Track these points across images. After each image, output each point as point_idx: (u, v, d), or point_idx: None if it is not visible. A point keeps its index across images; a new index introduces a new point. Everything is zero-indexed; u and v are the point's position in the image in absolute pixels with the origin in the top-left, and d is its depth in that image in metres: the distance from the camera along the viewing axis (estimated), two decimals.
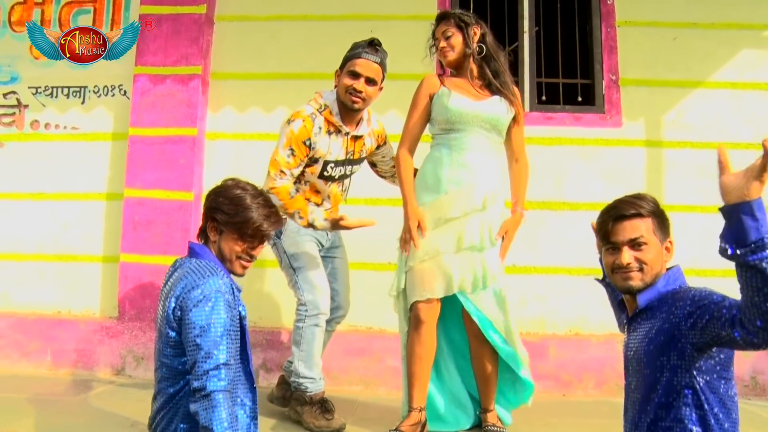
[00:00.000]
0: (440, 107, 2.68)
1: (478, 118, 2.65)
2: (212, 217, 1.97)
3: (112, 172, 4.12)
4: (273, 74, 4.15)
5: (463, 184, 2.63)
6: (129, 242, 3.94)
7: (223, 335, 1.80)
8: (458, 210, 2.61)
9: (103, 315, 4.03)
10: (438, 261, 2.60)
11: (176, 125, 4.00)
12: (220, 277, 1.86)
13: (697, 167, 3.99)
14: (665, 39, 4.08)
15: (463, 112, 2.65)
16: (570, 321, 3.95)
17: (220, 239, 1.95)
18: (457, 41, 2.71)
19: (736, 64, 4.06)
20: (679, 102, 4.05)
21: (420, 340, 2.61)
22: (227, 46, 4.18)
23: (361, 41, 2.78)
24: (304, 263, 2.76)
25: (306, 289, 2.74)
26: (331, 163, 2.78)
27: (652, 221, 1.77)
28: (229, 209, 1.94)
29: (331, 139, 2.77)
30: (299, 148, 2.68)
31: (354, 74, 2.71)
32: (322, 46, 4.10)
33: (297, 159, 2.69)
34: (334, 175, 2.83)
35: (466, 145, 2.66)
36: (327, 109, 2.77)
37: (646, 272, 1.76)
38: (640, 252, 1.75)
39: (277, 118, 4.07)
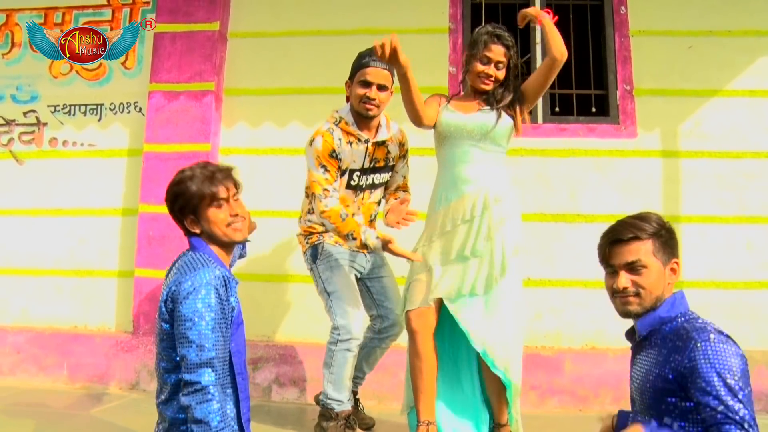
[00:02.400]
0: (438, 122, 2.68)
1: (464, 129, 2.61)
2: (177, 217, 1.99)
3: (128, 188, 4.17)
4: (286, 89, 4.17)
5: (452, 199, 2.62)
6: (144, 257, 3.97)
7: (214, 328, 1.80)
8: (449, 224, 2.60)
9: (119, 330, 4.06)
10: (428, 273, 2.61)
11: (190, 141, 4.04)
12: (212, 268, 1.86)
13: (715, 177, 3.92)
14: (680, 48, 4.02)
15: (451, 125, 2.63)
16: (586, 335, 3.88)
17: (202, 225, 1.96)
18: (503, 77, 2.66)
19: (754, 71, 3.99)
20: (696, 111, 3.98)
21: (416, 352, 2.57)
22: (240, 62, 4.21)
23: (366, 50, 2.79)
24: (337, 288, 2.78)
25: (339, 314, 2.76)
26: (356, 171, 2.80)
27: (654, 243, 1.72)
28: (177, 194, 1.95)
29: (352, 148, 2.79)
30: (329, 162, 2.71)
31: (365, 83, 2.74)
32: (335, 60, 4.08)
33: (332, 174, 2.71)
34: (361, 184, 2.84)
35: (455, 159, 2.64)
36: (342, 121, 2.80)
37: (645, 297, 1.71)
38: (639, 276, 1.71)
39: (291, 133, 4.12)
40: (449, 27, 4.14)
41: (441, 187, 2.69)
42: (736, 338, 1.66)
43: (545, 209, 3.93)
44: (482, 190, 2.58)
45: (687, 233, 3.88)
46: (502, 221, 2.57)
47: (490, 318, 2.53)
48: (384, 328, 2.91)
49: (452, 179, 2.64)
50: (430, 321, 2.58)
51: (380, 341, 2.92)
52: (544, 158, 3.99)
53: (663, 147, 3.97)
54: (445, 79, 4.09)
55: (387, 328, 2.91)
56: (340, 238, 2.72)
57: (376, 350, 2.95)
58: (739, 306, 3.82)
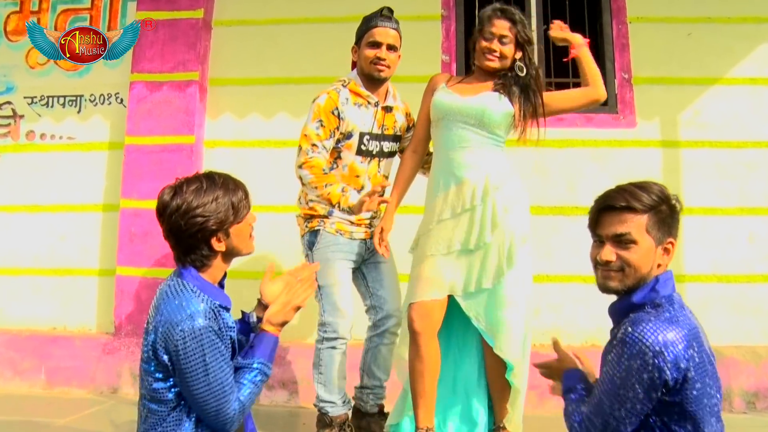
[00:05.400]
0: (432, 103, 2.55)
1: (460, 112, 2.46)
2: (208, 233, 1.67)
3: (109, 183, 4.00)
4: (273, 79, 4.02)
5: (450, 186, 2.46)
6: (125, 255, 3.80)
7: (227, 376, 1.63)
8: (448, 211, 2.44)
9: (99, 331, 3.89)
10: (427, 264, 2.44)
11: (173, 133, 3.88)
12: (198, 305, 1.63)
13: (716, 167, 3.82)
14: (679, 35, 3.92)
15: (447, 106, 2.48)
16: (587, 331, 3.76)
17: (232, 239, 1.72)
18: (510, 51, 2.47)
19: (755, 59, 3.89)
20: (696, 100, 3.88)
21: (419, 355, 2.41)
22: (225, 52, 4.06)
23: (371, 13, 2.68)
24: (329, 282, 2.61)
25: (327, 311, 2.61)
26: (366, 135, 2.65)
27: (649, 217, 1.57)
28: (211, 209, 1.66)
29: (360, 110, 2.65)
30: (328, 118, 2.57)
31: (374, 44, 2.64)
32: (324, 49, 3.98)
33: (327, 130, 2.56)
34: (371, 149, 2.68)
35: (451, 143, 2.47)
36: (351, 82, 2.69)
37: (628, 274, 1.58)
38: (625, 251, 1.57)
39: (278, 124, 3.98)
40: (442, 14, 4.01)
41: (438, 172, 2.53)
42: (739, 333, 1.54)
43: (543, 202, 3.80)
44: (482, 177, 2.42)
45: (688, 225, 3.76)
46: (506, 210, 2.42)
47: (500, 312, 2.38)
48: (379, 321, 2.71)
49: (448, 164, 2.48)
50: (435, 318, 2.42)
51: (380, 337, 2.72)
52: (540, 149, 3.80)
53: (662, 137, 3.86)
54: (437, 68, 3.95)
55: (381, 320, 2.71)
56: (315, 192, 2.54)
57: (381, 348, 2.73)
58: (742, 300, 3.71)
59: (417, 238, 2.56)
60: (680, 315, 1.53)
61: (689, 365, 1.46)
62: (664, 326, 1.48)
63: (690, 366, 1.46)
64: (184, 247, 1.70)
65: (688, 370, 1.46)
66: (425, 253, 2.45)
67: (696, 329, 1.53)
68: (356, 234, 2.68)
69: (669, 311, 1.54)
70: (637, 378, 1.46)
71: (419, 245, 2.52)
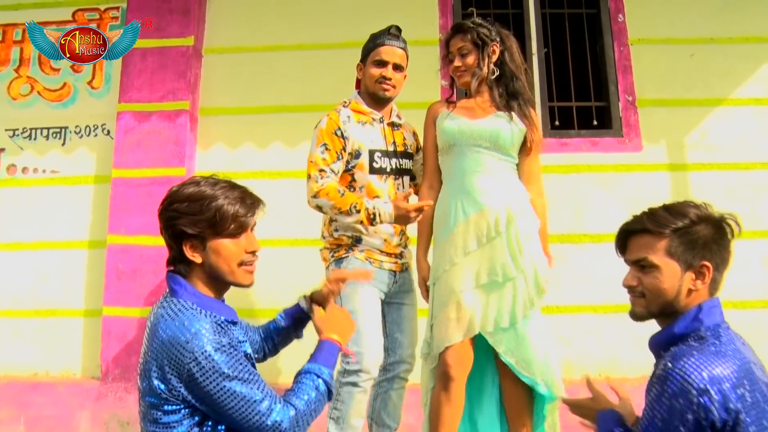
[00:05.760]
0: (438, 131, 2.45)
1: (473, 136, 2.35)
2: (178, 232, 1.53)
3: (95, 218, 3.80)
4: (267, 108, 3.89)
5: (470, 214, 2.32)
6: (112, 294, 3.59)
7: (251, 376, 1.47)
8: (472, 242, 2.28)
9: (85, 376, 3.65)
10: (457, 301, 2.27)
11: (163, 165, 3.71)
12: (202, 322, 1.47)
13: (725, 190, 3.71)
14: (682, 56, 3.85)
15: (456, 131, 2.38)
16: (600, 363, 3.59)
17: (208, 255, 1.54)
18: (471, 60, 2.42)
19: (759, 79, 3.83)
20: (702, 122, 3.79)
21: (449, 399, 2.26)
22: (217, 80, 3.93)
23: (379, 31, 2.57)
24: (356, 307, 2.36)
25: (352, 339, 2.35)
26: (377, 152, 2.50)
27: (672, 240, 1.47)
28: (192, 209, 1.52)
29: (366, 128, 2.51)
30: (332, 140, 2.42)
31: (380, 63, 2.52)
32: (320, 76, 3.86)
33: (333, 153, 2.41)
34: (384, 167, 2.50)
35: (465, 168, 2.36)
36: (352, 102, 2.57)
37: (650, 300, 1.50)
38: (645, 275, 1.49)
39: (273, 155, 3.83)
40: (440, 38, 3.90)
41: (453, 200, 2.37)
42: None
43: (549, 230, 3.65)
44: (503, 203, 2.29)
45: None
46: (529, 237, 2.29)
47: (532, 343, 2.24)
48: (390, 365, 2.51)
49: (465, 191, 2.34)
50: (467, 362, 2.28)
51: (390, 382, 2.52)
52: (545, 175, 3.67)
53: (669, 160, 3.76)
54: (437, 94, 3.84)
55: (393, 365, 2.51)
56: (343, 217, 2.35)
57: (390, 394, 2.52)
58: (758, 327, 3.57)
59: (437, 273, 2.38)
60: (729, 348, 1.40)
61: (740, 406, 1.31)
62: (710, 361, 1.35)
63: (741, 408, 1.31)
64: (167, 245, 1.58)
65: (739, 412, 1.31)
66: (453, 289, 2.28)
67: (748, 364, 1.39)
68: (385, 264, 2.49)
69: (714, 344, 1.41)
70: (681, 419, 1.32)
71: (443, 281, 2.33)
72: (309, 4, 3.99)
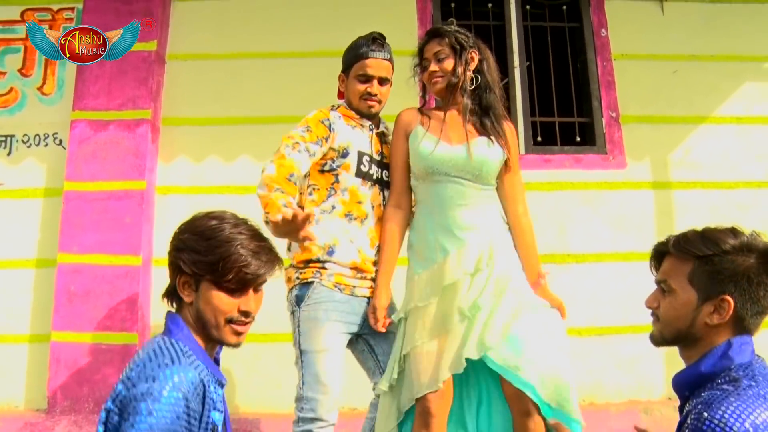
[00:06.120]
0: (413, 153, 2.21)
1: (455, 166, 2.14)
2: (179, 265, 1.38)
3: (44, 235, 3.49)
4: (234, 119, 3.66)
5: (450, 250, 2.11)
6: (62, 317, 3.29)
7: None
8: (450, 277, 2.08)
9: (28, 407, 3.31)
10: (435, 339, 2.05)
11: (121, 178, 3.44)
12: (185, 367, 1.26)
13: (709, 209, 3.63)
14: (665, 72, 3.77)
15: (437, 160, 2.14)
16: (583, 388, 3.42)
17: (198, 299, 1.38)
18: (449, 65, 2.21)
19: (741, 97, 3.79)
20: (685, 139, 3.72)
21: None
22: (181, 88, 3.68)
23: (362, 38, 2.34)
24: (314, 347, 2.13)
25: (307, 383, 2.13)
26: (365, 155, 2.27)
27: (696, 266, 1.34)
28: (199, 246, 1.36)
29: (355, 131, 2.29)
30: (317, 126, 2.19)
31: (365, 78, 2.29)
32: (291, 86, 3.66)
33: (313, 135, 2.16)
34: (371, 173, 2.28)
35: (445, 200, 2.15)
36: (341, 107, 2.35)
37: (663, 324, 1.40)
38: (663, 298, 1.40)
39: (239, 169, 3.60)
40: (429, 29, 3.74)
41: (432, 234, 2.16)
42: None
43: None
44: (486, 239, 2.11)
45: None
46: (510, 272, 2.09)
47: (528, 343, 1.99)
48: None
49: (445, 225, 2.14)
50: (448, 398, 2.05)
51: None
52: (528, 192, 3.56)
53: (654, 178, 3.67)
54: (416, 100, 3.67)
55: None
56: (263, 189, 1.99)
57: None
58: None
59: (410, 306, 2.14)
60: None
61: None
62: (750, 406, 1.18)
63: None
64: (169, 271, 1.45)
65: None
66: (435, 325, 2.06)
67: None
68: (358, 290, 2.23)
69: (751, 386, 1.24)
70: None
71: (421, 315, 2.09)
72: (281, 11, 3.79)
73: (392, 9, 3.79)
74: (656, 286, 1.43)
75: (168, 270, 1.44)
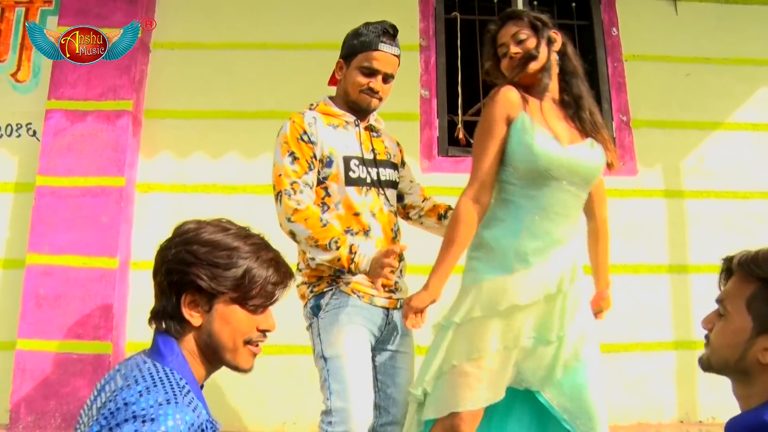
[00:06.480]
0: (521, 146, 1.85)
1: (570, 171, 1.85)
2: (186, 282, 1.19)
3: (13, 233, 3.23)
4: (222, 112, 3.42)
5: (535, 263, 1.84)
6: (30, 324, 3.02)
7: None
8: (525, 296, 1.82)
9: None
10: (497, 359, 1.83)
11: (98, 173, 3.19)
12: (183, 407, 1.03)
13: (723, 220, 3.46)
14: (677, 75, 3.60)
15: (554, 159, 1.83)
16: None
17: (211, 320, 1.19)
18: (533, 44, 1.92)
19: (756, 103, 3.61)
20: (698, 146, 3.54)
21: None
22: (166, 78, 3.44)
23: (372, 26, 2.08)
24: (340, 352, 1.90)
25: (336, 392, 1.87)
26: (353, 159, 2.03)
27: (757, 291, 1.15)
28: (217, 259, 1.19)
29: (337, 131, 2.05)
30: (299, 147, 1.97)
31: (370, 71, 2.04)
32: (284, 79, 3.44)
33: (303, 162, 1.96)
34: (363, 177, 2.04)
35: (547, 209, 1.86)
36: (320, 104, 2.11)
37: (711, 350, 1.22)
38: (718, 320, 1.22)
39: (228, 166, 3.37)
40: (420, 44, 3.54)
41: (514, 239, 1.86)
42: None
43: None
44: (569, 257, 1.88)
45: (696, 286, 3.38)
46: (581, 297, 1.89)
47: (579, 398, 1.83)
48: (381, 426, 2.02)
49: (536, 234, 1.86)
50: (479, 418, 1.85)
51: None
52: None
53: (666, 186, 3.48)
54: (416, 105, 3.47)
55: (385, 426, 2.02)
56: (318, 253, 1.87)
57: None
58: None
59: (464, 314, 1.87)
60: None
61: None
62: None
63: None
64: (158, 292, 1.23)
65: None
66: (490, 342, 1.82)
67: None
68: (376, 300, 1.99)
69: None
70: None
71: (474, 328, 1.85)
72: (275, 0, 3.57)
73: (393, 0, 3.59)
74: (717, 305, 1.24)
75: (161, 288, 1.22)
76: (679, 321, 3.35)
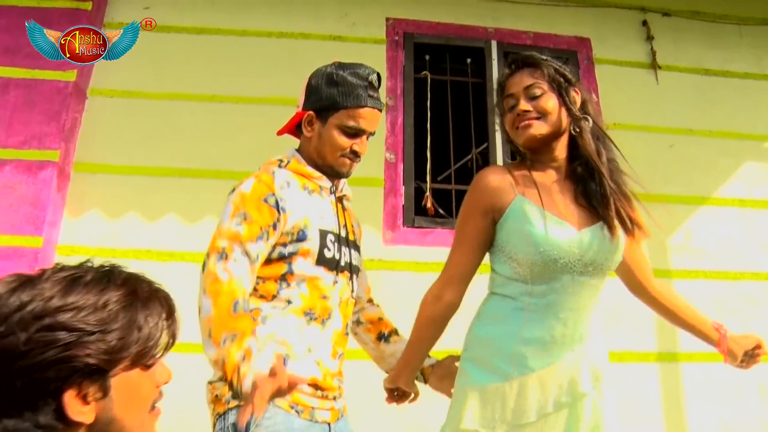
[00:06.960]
0: (519, 236, 1.53)
1: (582, 258, 1.52)
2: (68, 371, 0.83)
3: None
4: (162, 169, 3.07)
5: (536, 368, 1.49)
6: None
7: None
8: (532, 411, 1.46)
9: None
10: None
11: (11, 232, 2.78)
12: None
13: (714, 302, 3.15)
14: (661, 147, 3.40)
15: (561, 249, 1.50)
16: None
17: (109, 405, 0.86)
18: (549, 104, 1.58)
19: (741, 178, 3.43)
20: (685, 221, 3.30)
21: None
22: (102, 129, 3.09)
23: (351, 72, 1.66)
24: None
25: None
26: (329, 234, 1.63)
27: None
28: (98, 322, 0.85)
29: (313, 198, 1.66)
30: (258, 209, 1.54)
31: (355, 132, 1.67)
32: (233, 136, 3.12)
33: (254, 227, 1.51)
34: (338, 259, 1.64)
35: (556, 303, 1.52)
36: (293, 161, 1.69)
37: None
38: None
39: (165, 229, 2.98)
40: (387, 103, 3.27)
41: (511, 340, 1.51)
42: None
43: None
44: (583, 356, 1.52)
45: (689, 375, 3.05)
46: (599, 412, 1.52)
47: None
48: None
49: (537, 335, 1.51)
50: None
51: None
52: None
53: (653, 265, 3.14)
54: (380, 169, 3.16)
55: None
56: (205, 344, 1.40)
57: None
58: None
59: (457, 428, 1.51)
60: None
61: None
62: None
63: None
64: (8, 404, 0.82)
65: None
66: None
67: None
68: (318, 413, 1.55)
69: None
70: None
71: None
72: (228, 50, 3.30)
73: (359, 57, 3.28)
74: None
75: (16, 400, 0.82)
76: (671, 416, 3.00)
